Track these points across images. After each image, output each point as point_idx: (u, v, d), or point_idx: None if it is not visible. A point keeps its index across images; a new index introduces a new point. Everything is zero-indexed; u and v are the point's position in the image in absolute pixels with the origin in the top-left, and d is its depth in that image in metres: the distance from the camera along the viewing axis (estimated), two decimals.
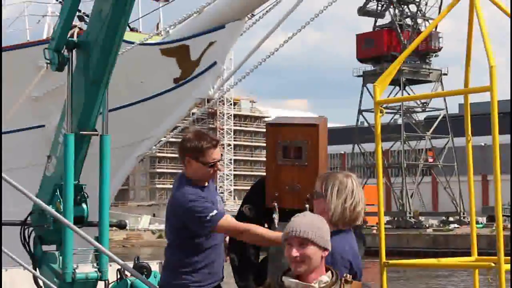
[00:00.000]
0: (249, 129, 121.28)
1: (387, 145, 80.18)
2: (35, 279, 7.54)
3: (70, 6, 7.32)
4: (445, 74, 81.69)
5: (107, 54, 7.17)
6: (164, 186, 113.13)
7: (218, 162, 5.18)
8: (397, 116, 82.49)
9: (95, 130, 7.58)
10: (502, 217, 4.36)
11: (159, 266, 9.20)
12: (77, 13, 8.05)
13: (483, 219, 70.96)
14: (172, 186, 5.31)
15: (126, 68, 12.42)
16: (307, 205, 5.05)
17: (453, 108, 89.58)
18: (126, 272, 7.25)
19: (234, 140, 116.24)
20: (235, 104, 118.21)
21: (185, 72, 13.93)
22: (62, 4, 7.79)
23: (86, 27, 7.54)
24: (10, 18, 16.68)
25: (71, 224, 7.06)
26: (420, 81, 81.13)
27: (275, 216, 5.21)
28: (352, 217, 4.47)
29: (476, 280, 5.23)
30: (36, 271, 7.56)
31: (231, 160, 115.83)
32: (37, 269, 7.67)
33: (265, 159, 5.53)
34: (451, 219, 76.21)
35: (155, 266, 8.68)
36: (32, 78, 14.21)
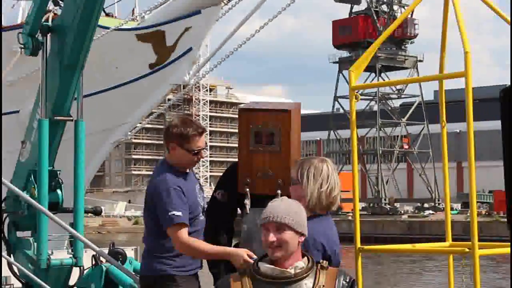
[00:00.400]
0: (225, 115, 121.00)
1: (362, 131, 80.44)
2: (10, 265, 7.50)
3: None
4: (420, 61, 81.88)
5: (82, 39, 7.12)
6: (140, 172, 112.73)
7: (202, 150, 5.16)
8: (372, 103, 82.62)
9: (70, 116, 7.54)
10: (476, 204, 4.38)
11: (134, 252, 9.18)
12: None
13: (458, 205, 71.38)
14: (152, 173, 5.27)
15: (101, 54, 12.35)
16: (279, 191, 5.04)
17: (428, 95, 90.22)
18: (102, 258, 7.23)
19: (210, 126, 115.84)
20: (211, 90, 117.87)
21: (160, 58, 13.88)
22: None
23: (60, 12, 7.49)
24: None
25: (46, 210, 7.03)
26: (396, 68, 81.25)
27: (247, 202, 5.19)
28: (329, 202, 4.49)
29: (451, 266, 5.28)
30: (11, 257, 7.53)
31: (207, 146, 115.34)
32: (11, 255, 7.63)
33: None
34: (426, 205, 76.60)
35: (130, 252, 8.66)
36: (6, 63, 14.08)
